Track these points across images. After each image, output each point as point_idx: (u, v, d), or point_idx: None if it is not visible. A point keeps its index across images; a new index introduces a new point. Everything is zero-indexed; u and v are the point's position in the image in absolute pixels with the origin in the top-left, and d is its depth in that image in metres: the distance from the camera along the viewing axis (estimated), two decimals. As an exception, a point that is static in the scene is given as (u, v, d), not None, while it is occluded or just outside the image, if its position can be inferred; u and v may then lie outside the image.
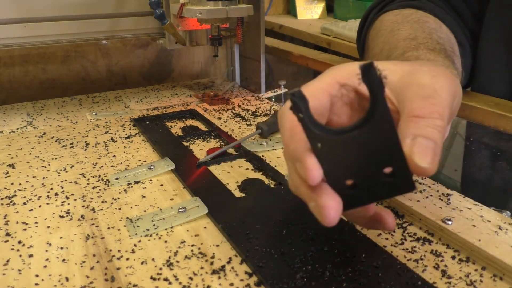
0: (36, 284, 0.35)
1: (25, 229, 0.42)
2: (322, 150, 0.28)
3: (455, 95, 0.33)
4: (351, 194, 0.30)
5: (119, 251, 0.39)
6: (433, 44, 0.45)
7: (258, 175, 0.53)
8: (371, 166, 0.29)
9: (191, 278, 0.35)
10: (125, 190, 0.49)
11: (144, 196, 0.48)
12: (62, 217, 0.44)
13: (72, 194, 0.48)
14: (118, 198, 0.47)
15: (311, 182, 0.29)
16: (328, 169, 0.29)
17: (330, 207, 0.28)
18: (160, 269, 0.36)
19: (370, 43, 0.58)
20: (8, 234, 0.41)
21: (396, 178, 0.29)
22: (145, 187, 0.50)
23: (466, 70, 0.57)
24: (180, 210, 0.44)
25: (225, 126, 0.69)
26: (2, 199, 0.47)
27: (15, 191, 0.49)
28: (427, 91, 0.30)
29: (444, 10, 0.56)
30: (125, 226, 0.42)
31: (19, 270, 0.36)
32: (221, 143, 0.63)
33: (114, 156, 0.58)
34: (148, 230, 0.41)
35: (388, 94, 0.33)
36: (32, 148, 0.61)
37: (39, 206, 0.46)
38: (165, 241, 0.40)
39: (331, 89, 0.33)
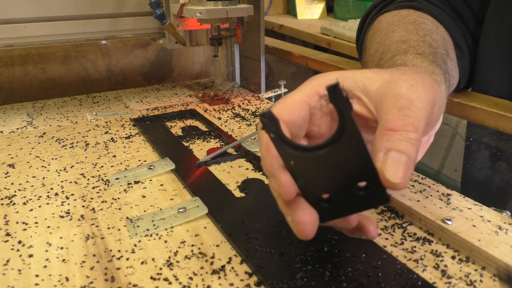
0: (36, 284, 0.35)
1: (25, 229, 0.42)
2: (295, 166, 0.29)
3: (434, 103, 0.33)
4: (327, 207, 0.31)
5: (119, 251, 0.39)
6: (423, 47, 0.45)
7: (258, 175, 0.53)
8: (345, 181, 0.29)
9: (191, 278, 0.35)
10: (125, 190, 0.49)
11: (144, 196, 0.48)
12: (62, 217, 0.44)
13: (72, 194, 0.48)
14: (118, 198, 0.47)
15: (285, 197, 0.29)
16: (303, 184, 0.30)
17: (305, 223, 0.29)
18: (160, 269, 0.36)
19: (367, 44, 0.58)
20: (8, 234, 0.41)
21: (370, 191, 0.29)
22: (145, 187, 0.50)
23: (464, 72, 0.57)
24: (180, 210, 0.44)
25: (225, 126, 0.69)
26: (2, 199, 0.47)
27: (15, 191, 0.49)
28: (403, 102, 0.30)
29: (443, 11, 0.56)
30: (125, 226, 0.42)
31: (19, 270, 0.36)
32: (221, 143, 0.63)
33: (114, 156, 0.58)
34: (148, 230, 0.41)
35: (367, 103, 0.33)
36: (32, 148, 0.61)
37: (39, 206, 0.46)
38: (165, 241, 0.40)
39: (310, 100, 0.33)
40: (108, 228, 0.42)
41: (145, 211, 0.45)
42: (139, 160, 0.57)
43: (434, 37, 0.48)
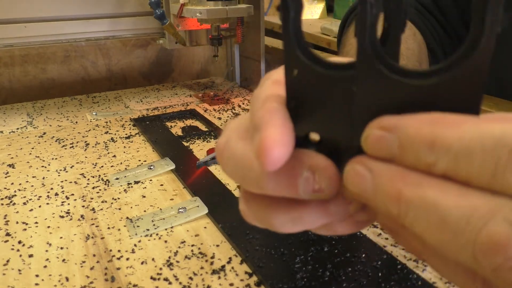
0: (36, 284, 0.35)
1: (25, 229, 0.42)
2: (298, 81, 0.20)
3: None
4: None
5: (119, 251, 0.39)
6: None
7: (258, 175, 0.53)
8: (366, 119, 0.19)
9: (191, 278, 0.35)
10: (125, 190, 0.49)
11: (144, 196, 0.48)
12: (62, 217, 0.44)
13: (72, 194, 0.48)
14: (118, 198, 0.47)
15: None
16: (295, 109, 0.20)
17: (278, 138, 0.18)
18: (160, 269, 0.36)
19: (342, 48, 0.57)
20: (8, 234, 0.41)
21: None
22: (145, 187, 0.50)
23: None
24: (180, 210, 0.44)
25: (225, 126, 0.68)
26: (2, 199, 0.47)
27: (15, 191, 0.49)
28: None
29: (421, 14, 0.55)
30: (125, 226, 0.42)
31: (19, 270, 0.36)
32: (221, 143, 0.63)
33: (114, 156, 0.58)
34: (148, 230, 0.41)
35: None
36: (32, 148, 0.61)
37: (39, 206, 0.46)
38: (165, 241, 0.40)
39: None
40: (108, 228, 0.42)
41: (145, 211, 0.45)
42: (139, 160, 0.57)
43: (409, 46, 0.47)
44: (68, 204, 0.46)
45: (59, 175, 0.53)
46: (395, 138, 0.17)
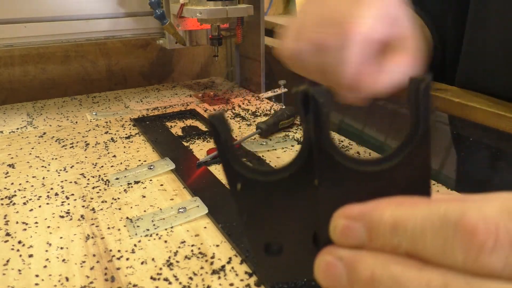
0: (36, 284, 0.35)
1: (25, 229, 0.42)
2: (243, 193, 0.21)
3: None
4: (278, 262, 0.22)
5: (119, 251, 0.39)
6: None
7: (258, 175, 0.53)
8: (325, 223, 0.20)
9: (191, 278, 0.35)
10: (125, 190, 0.49)
11: (144, 196, 0.48)
12: (62, 217, 0.44)
13: (72, 194, 0.48)
14: (118, 198, 0.47)
15: None
16: (249, 221, 0.21)
17: None
18: (160, 269, 0.36)
19: None
20: (8, 234, 0.41)
21: None
22: (145, 187, 0.50)
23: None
24: (180, 210, 0.44)
25: (225, 126, 0.69)
26: (2, 199, 0.47)
27: (15, 191, 0.49)
28: None
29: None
30: (125, 226, 0.42)
31: (19, 270, 0.36)
32: (221, 143, 0.63)
33: (114, 156, 0.58)
34: (148, 230, 0.41)
35: None
36: (32, 148, 0.61)
37: (39, 206, 0.46)
38: (165, 241, 0.40)
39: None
40: (108, 228, 0.42)
41: (145, 211, 0.45)
42: (139, 160, 0.57)
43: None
44: (68, 204, 0.47)
45: (59, 175, 0.53)
46: (361, 225, 0.18)
